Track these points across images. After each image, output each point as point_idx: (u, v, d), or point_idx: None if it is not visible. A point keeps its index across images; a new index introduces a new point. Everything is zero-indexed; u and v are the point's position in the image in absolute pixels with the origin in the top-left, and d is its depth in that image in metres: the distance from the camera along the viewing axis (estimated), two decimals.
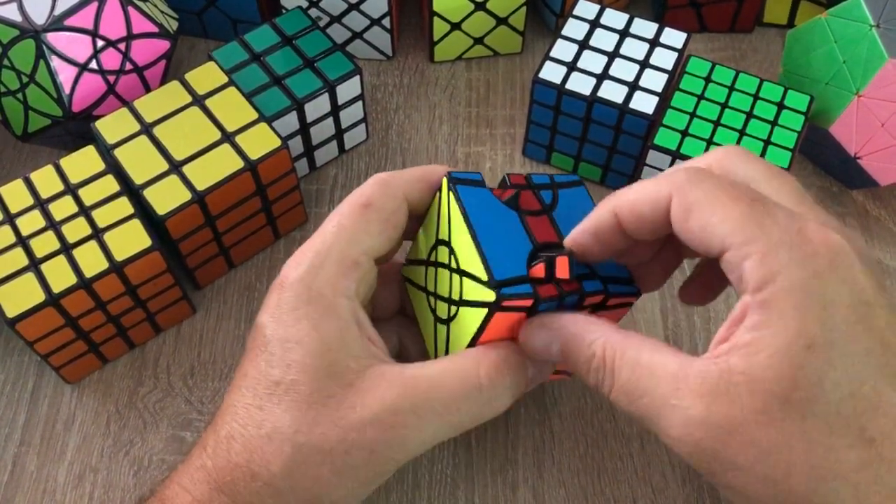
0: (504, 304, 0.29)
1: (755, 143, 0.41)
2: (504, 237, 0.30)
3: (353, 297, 0.30)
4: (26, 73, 0.42)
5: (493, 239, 0.30)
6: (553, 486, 0.37)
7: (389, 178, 0.32)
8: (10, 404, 0.39)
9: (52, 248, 0.36)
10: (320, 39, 0.45)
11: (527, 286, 0.29)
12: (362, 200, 0.31)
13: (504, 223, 0.31)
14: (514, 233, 0.31)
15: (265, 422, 0.28)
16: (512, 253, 0.30)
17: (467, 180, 0.32)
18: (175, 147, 0.39)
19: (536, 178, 0.34)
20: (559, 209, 0.33)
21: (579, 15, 0.46)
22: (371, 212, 0.31)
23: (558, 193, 0.33)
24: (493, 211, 0.31)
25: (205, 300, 0.43)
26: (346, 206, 0.32)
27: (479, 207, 0.31)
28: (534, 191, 0.33)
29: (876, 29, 0.41)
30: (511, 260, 0.30)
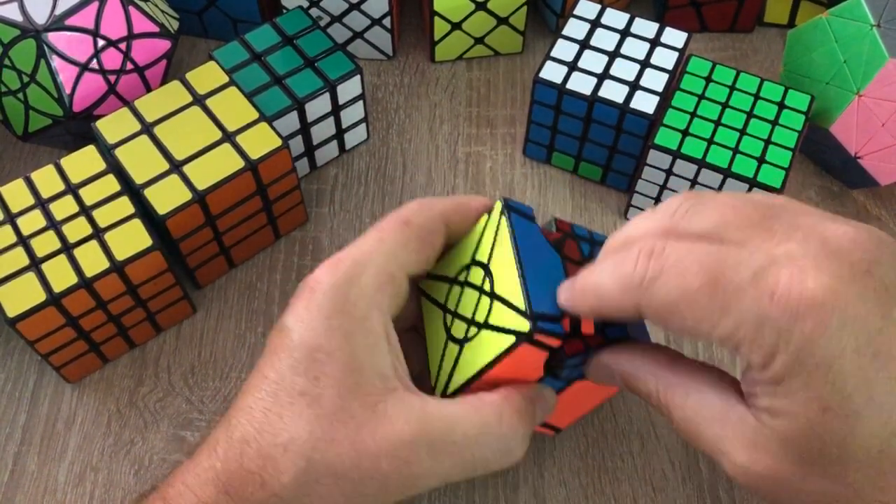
0: (535, 338, 0.28)
1: (756, 143, 0.41)
2: (546, 275, 0.30)
3: (386, 311, 0.30)
4: (27, 72, 0.42)
5: (536, 273, 0.30)
6: (553, 486, 0.37)
7: (430, 201, 0.33)
8: (10, 404, 0.40)
9: (53, 247, 0.36)
10: (321, 39, 0.45)
11: (560, 326, 0.29)
12: (403, 218, 0.31)
13: (547, 262, 0.31)
14: (555, 274, 0.30)
15: (283, 431, 0.28)
16: (551, 292, 0.30)
17: (520, 211, 0.32)
18: (175, 147, 0.39)
19: (578, 230, 0.34)
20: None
21: (580, 15, 0.46)
22: (411, 229, 0.31)
23: (594, 251, 0.33)
24: (540, 248, 0.31)
25: (205, 300, 0.43)
26: (387, 221, 0.31)
27: (527, 240, 0.31)
28: (576, 242, 0.33)
29: (877, 28, 0.41)
30: (550, 297, 0.29)
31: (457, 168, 0.48)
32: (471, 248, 0.33)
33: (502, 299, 0.30)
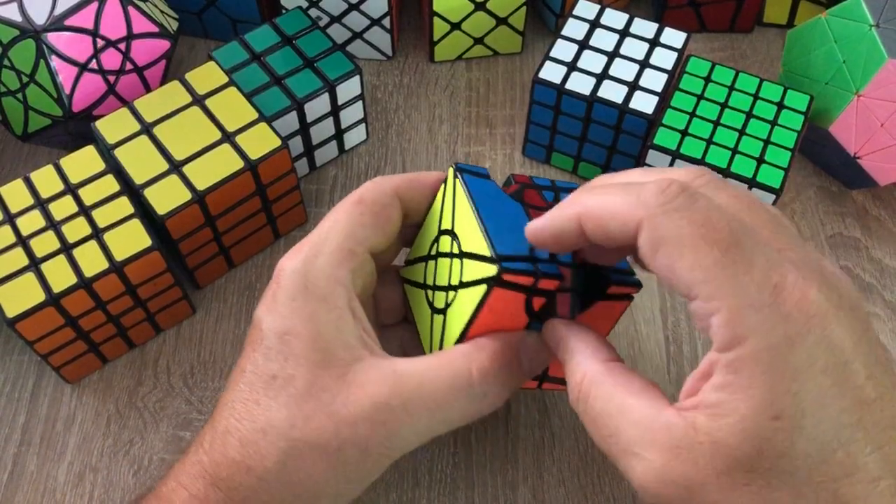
0: (504, 279, 0.28)
1: (755, 143, 0.41)
2: (509, 222, 0.30)
3: (349, 286, 0.31)
4: (26, 72, 0.42)
5: (497, 222, 0.30)
6: (553, 486, 0.37)
7: (381, 178, 0.34)
8: (10, 404, 0.39)
9: (52, 247, 0.36)
10: (320, 39, 0.45)
11: (528, 264, 0.29)
12: (355, 198, 0.33)
13: (509, 211, 0.31)
14: (519, 220, 0.31)
15: (261, 416, 0.29)
16: (516, 236, 0.30)
17: (474, 172, 0.32)
18: (175, 147, 0.39)
19: (538, 180, 0.34)
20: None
21: (579, 15, 0.46)
22: (363, 206, 0.32)
23: (559, 196, 0.33)
24: (499, 200, 0.31)
25: (205, 300, 0.43)
26: (342, 203, 0.33)
27: (484, 195, 0.31)
28: (537, 189, 0.33)
29: (876, 29, 0.41)
30: (515, 241, 0.30)
31: None
32: (435, 220, 0.33)
33: (470, 255, 0.30)
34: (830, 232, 0.45)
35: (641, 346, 0.41)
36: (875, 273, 0.44)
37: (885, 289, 0.43)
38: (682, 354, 0.41)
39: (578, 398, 0.28)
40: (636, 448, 0.26)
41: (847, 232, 0.45)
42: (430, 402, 0.29)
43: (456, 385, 0.29)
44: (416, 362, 0.30)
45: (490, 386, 0.30)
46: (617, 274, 0.31)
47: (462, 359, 0.30)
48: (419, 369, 0.30)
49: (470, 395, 0.30)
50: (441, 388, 0.29)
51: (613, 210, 0.26)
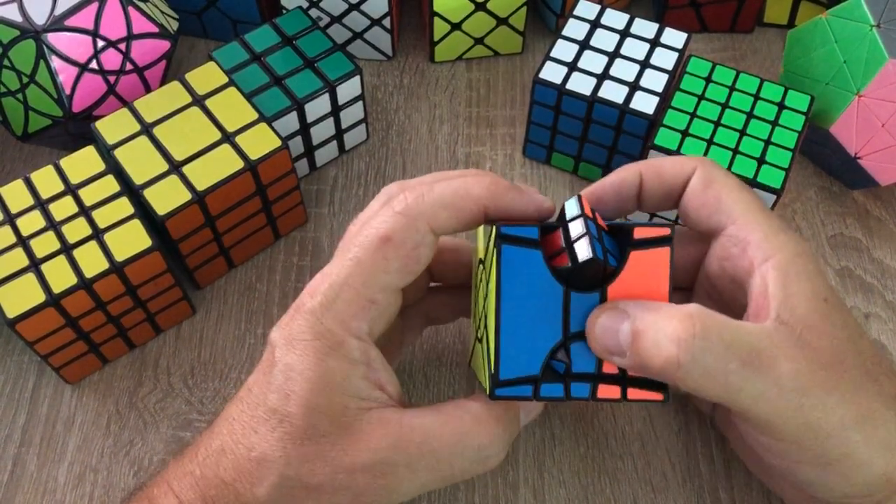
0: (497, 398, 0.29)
1: (755, 143, 0.41)
2: (534, 320, 0.28)
3: (366, 336, 0.29)
4: (26, 73, 0.42)
5: (519, 322, 0.28)
6: (553, 486, 0.37)
7: (413, 207, 0.29)
8: (10, 404, 0.39)
9: (53, 248, 0.36)
10: (320, 39, 0.45)
11: (527, 389, 0.28)
12: (381, 233, 0.29)
13: (541, 301, 0.28)
14: (549, 315, 0.28)
15: (257, 446, 0.28)
16: (534, 343, 0.28)
17: (518, 238, 0.28)
18: (175, 147, 0.39)
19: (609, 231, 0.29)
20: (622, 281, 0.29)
21: (580, 15, 0.46)
22: (390, 248, 0.29)
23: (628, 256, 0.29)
24: (534, 283, 0.28)
25: (205, 300, 0.43)
26: (366, 238, 0.29)
27: (518, 277, 0.28)
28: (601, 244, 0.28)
29: (876, 29, 0.41)
30: (529, 353, 0.28)
31: (456, 168, 0.48)
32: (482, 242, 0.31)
33: (487, 340, 0.29)
34: (831, 232, 0.45)
35: None
36: (876, 273, 0.44)
37: (886, 289, 0.43)
38: None
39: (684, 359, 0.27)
40: (777, 364, 0.28)
41: (848, 232, 0.45)
42: (432, 458, 0.29)
43: (462, 445, 0.29)
44: (424, 416, 0.29)
45: (491, 444, 0.30)
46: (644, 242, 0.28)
47: (470, 416, 0.29)
48: (425, 424, 0.29)
49: (475, 456, 0.29)
50: (446, 444, 0.29)
51: (671, 161, 0.33)
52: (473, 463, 0.30)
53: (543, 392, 0.28)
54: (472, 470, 0.30)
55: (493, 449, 0.30)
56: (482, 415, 0.29)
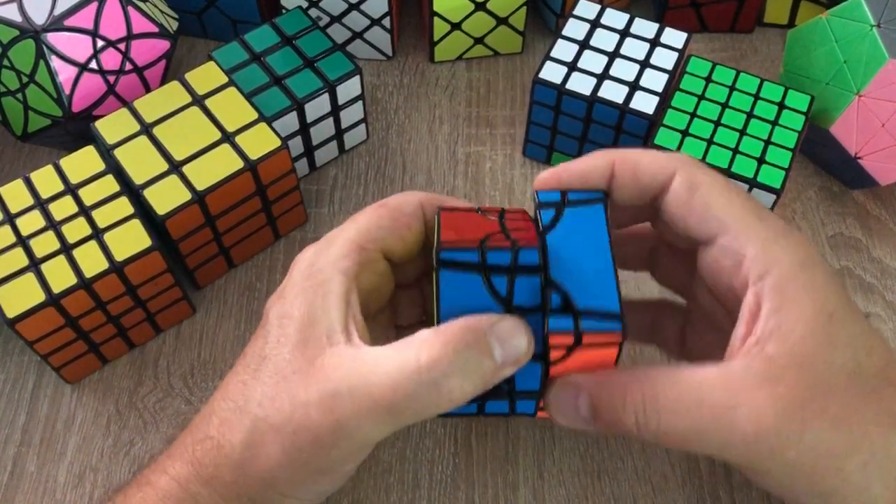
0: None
1: (755, 143, 0.41)
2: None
3: (352, 276, 0.30)
4: (26, 73, 0.42)
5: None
6: (553, 486, 0.37)
7: (410, 191, 0.33)
8: (10, 404, 0.39)
9: (52, 248, 0.36)
10: (320, 39, 0.45)
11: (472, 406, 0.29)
12: (380, 202, 0.33)
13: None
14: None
15: (241, 395, 0.29)
16: None
17: (459, 262, 0.28)
18: (175, 147, 0.39)
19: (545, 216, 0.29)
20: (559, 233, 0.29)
21: (580, 15, 0.46)
22: (384, 208, 0.32)
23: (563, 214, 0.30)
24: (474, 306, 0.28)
25: (205, 300, 0.43)
26: (366, 208, 0.33)
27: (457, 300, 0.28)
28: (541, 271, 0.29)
29: (877, 29, 0.41)
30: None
31: (456, 168, 0.48)
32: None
33: None
34: (831, 232, 0.45)
35: (641, 347, 0.41)
36: (876, 273, 0.44)
37: (886, 289, 0.43)
38: None
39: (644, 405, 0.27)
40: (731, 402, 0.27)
41: (848, 232, 0.45)
42: (375, 389, 0.26)
43: (402, 372, 0.26)
44: (378, 351, 0.28)
45: (442, 370, 0.26)
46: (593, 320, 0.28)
47: (416, 345, 0.27)
48: (373, 354, 0.27)
49: (418, 385, 0.26)
50: (387, 374, 0.26)
51: (650, 158, 0.30)
52: (422, 392, 0.26)
53: (489, 408, 0.29)
54: (425, 401, 0.26)
55: (439, 371, 0.26)
56: (430, 336, 0.27)
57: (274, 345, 0.29)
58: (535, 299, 0.28)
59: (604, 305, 0.28)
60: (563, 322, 0.28)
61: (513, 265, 0.28)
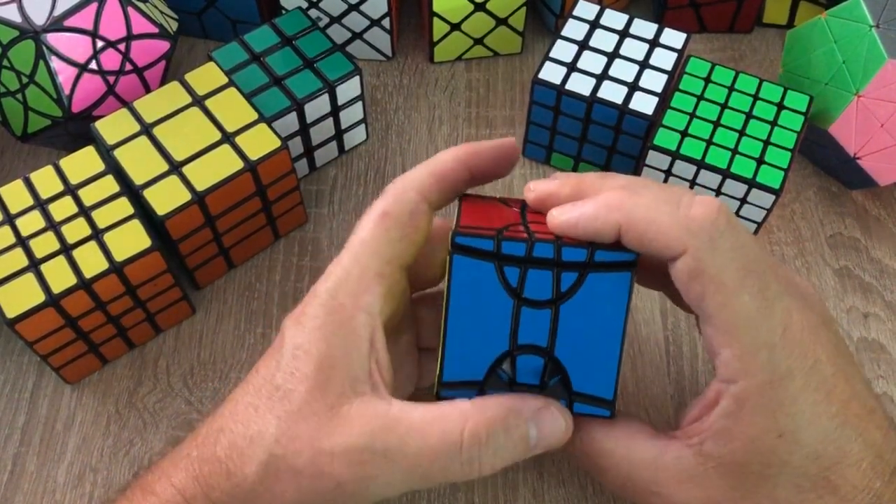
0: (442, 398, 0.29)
1: (755, 144, 0.41)
2: (481, 328, 0.29)
3: (376, 314, 0.30)
4: (26, 73, 0.42)
5: (466, 328, 0.29)
6: (553, 486, 0.37)
7: (401, 182, 0.32)
8: (9, 404, 0.39)
9: (52, 248, 0.36)
10: (320, 40, 0.45)
11: (472, 393, 0.29)
12: (378, 211, 0.31)
13: (491, 311, 0.29)
14: (497, 326, 0.29)
15: (254, 424, 0.28)
16: (480, 350, 0.29)
17: (473, 249, 0.29)
18: (175, 147, 0.39)
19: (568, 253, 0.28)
20: (575, 301, 0.29)
21: (579, 15, 0.46)
22: (388, 220, 0.30)
23: (586, 280, 0.29)
24: (485, 293, 0.29)
25: (205, 300, 0.43)
26: (366, 218, 0.31)
27: (469, 286, 0.29)
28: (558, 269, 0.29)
29: (876, 29, 0.41)
30: (474, 359, 0.29)
31: None
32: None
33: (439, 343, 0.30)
34: (830, 232, 0.45)
35: (641, 347, 0.41)
36: (875, 273, 0.44)
37: (885, 289, 0.43)
38: (682, 354, 0.41)
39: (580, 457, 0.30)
40: (654, 487, 0.29)
41: (847, 232, 0.45)
42: (412, 456, 0.27)
43: (443, 443, 0.28)
44: (412, 411, 0.28)
45: (480, 451, 0.28)
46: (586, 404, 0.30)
47: (457, 417, 0.28)
48: (411, 419, 0.28)
49: (456, 458, 0.28)
50: (426, 443, 0.28)
51: (659, 228, 0.27)
52: (456, 464, 0.28)
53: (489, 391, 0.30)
54: (456, 473, 0.28)
55: (478, 452, 0.28)
56: (472, 414, 0.28)
57: (287, 377, 0.29)
58: (546, 293, 0.29)
59: (599, 392, 0.30)
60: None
61: (527, 257, 0.29)
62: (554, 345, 0.29)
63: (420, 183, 0.31)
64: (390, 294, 0.30)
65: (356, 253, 0.30)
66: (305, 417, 0.28)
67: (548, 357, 0.29)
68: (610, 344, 0.29)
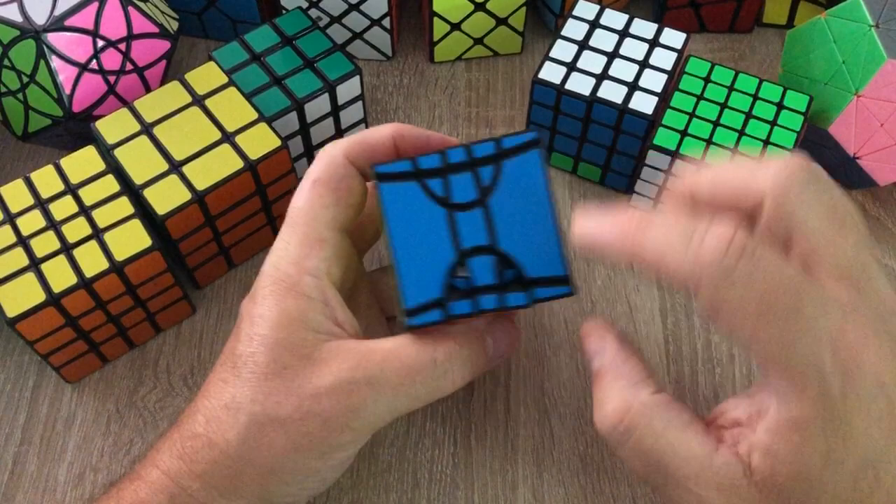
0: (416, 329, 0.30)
1: (754, 143, 0.41)
2: (425, 246, 0.30)
3: (322, 275, 0.31)
4: (27, 73, 0.42)
5: (412, 251, 0.30)
6: (553, 486, 0.37)
7: (330, 147, 0.33)
8: (10, 404, 0.40)
9: (53, 248, 0.36)
10: (320, 40, 0.45)
11: (437, 313, 0.30)
12: (310, 178, 0.32)
13: (428, 227, 0.31)
14: (438, 239, 0.30)
15: (225, 393, 0.30)
16: (431, 267, 0.30)
17: (394, 174, 0.31)
18: (175, 147, 0.39)
19: (478, 149, 0.31)
20: (500, 191, 0.31)
21: (579, 15, 0.46)
22: (320, 185, 0.32)
23: (502, 168, 0.31)
24: (418, 212, 0.30)
25: (205, 300, 0.43)
26: (299, 188, 0.33)
27: (401, 210, 0.30)
28: (474, 167, 0.31)
29: (875, 29, 0.41)
30: (428, 277, 0.30)
31: None
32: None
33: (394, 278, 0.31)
34: None
35: (641, 347, 0.41)
36: None
37: None
38: (682, 354, 0.41)
39: (619, 428, 0.28)
40: (690, 484, 0.27)
41: None
42: (394, 375, 0.30)
43: (420, 361, 0.30)
44: (382, 341, 0.31)
45: (453, 363, 0.31)
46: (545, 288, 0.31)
47: (426, 338, 0.31)
48: (385, 346, 0.30)
49: (433, 372, 0.30)
50: (405, 363, 0.30)
51: (668, 262, 0.26)
52: (434, 379, 0.31)
53: (452, 310, 0.30)
54: (435, 387, 0.31)
55: (451, 364, 0.31)
56: (437, 334, 0.31)
57: (247, 343, 0.30)
58: (471, 193, 0.31)
59: (551, 271, 0.31)
60: (518, 298, 0.31)
61: (444, 165, 0.31)
62: (496, 239, 0.30)
63: (347, 148, 0.33)
64: (335, 257, 0.32)
65: (294, 222, 0.32)
66: (276, 372, 0.29)
67: (495, 253, 0.30)
68: (543, 222, 0.31)
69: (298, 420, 0.29)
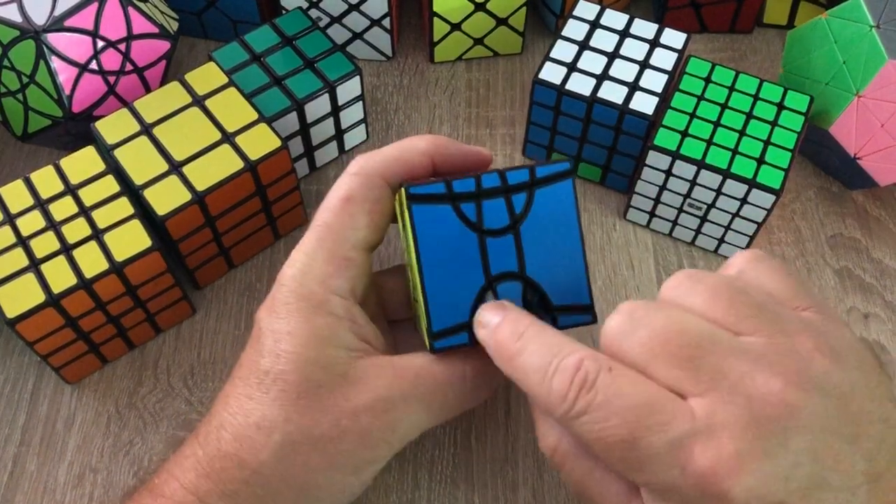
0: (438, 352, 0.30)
1: (755, 144, 0.41)
2: (455, 270, 0.30)
3: (347, 295, 0.31)
4: (26, 73, 0.42)
5: (441, 274, 0.30)
6: (553, 486, 0.37)
7: (366, 164, 0.32)
8: (10, 404, 0.39)
9: (52, 248, 0.36)
10: (320, 40, 0.45)
11: (464, 336, 0.30)
12: (342, 194, 0.32)
13: (458, 251, 0.30)
14: (468, 263, 0.30)
15: (254, 411, 0.29)
16: (460, 291, 0.30)
17: (427, 195, 0.30)
18: (175, 147, 0.39)
19: (512, 176, 0.31)
20: (531, 219, 0.31)
21: (579, 15, 0.46)
22: (353, 205, 0.32)
23: (534, 197, 0.31)
24: (449, 235, 0.30)
25: (205, 300, 0.43)
26: (329, 201, 0.32)
27: (432, 233, 0.30)
28: (507, 194, 0.31)
29: (876, 29, 0.41)
30: (457, 301, 0.30)
31: None
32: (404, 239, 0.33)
33: (418, 298, 0.31)
34: (831, 232, 0.45)
35: None
36: (875, 273, 0.44)
37: (886, 289, 0.43)
38: None
39: (554, 459, 0.29)
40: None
41: (847, 232, 0.45)
42: (426, 392, 0.30)
43: (451, 378, 0.31)
44: (413, 357, 0.31)
45: (482, 380, 0.32)
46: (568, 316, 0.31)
47: (455, 355, 0.31)
48: (417, 363, 0.31)
49: (462, 388, 0.31)
50: (437, 381, 0.31)
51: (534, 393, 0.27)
52: (463, 393, 0.31)
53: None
54: (464, 400, 0.32)
55: (480, 379, 0.31)
56: (467, 350, 0.31)
57: (273, 360, 0.29)
58: (503, 220, 0.31)
59: (576, 299, 0.31)
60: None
61: (478, 190, 0.30)
62: (524, 266, 0.31)
63: (386, 168, 0.32)
64: (359, 277, 0.32)
65: (321, 237, 0.31)
66: (309, 391, 0.29)
67: (522, 279, 0.30)
68: (572, 251, 0.31)
69: (336, 438, 0.29)
